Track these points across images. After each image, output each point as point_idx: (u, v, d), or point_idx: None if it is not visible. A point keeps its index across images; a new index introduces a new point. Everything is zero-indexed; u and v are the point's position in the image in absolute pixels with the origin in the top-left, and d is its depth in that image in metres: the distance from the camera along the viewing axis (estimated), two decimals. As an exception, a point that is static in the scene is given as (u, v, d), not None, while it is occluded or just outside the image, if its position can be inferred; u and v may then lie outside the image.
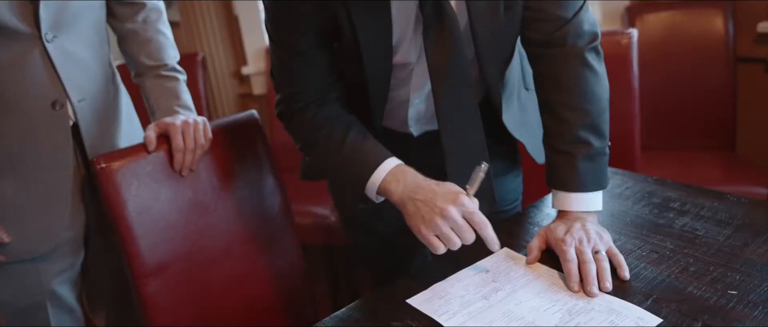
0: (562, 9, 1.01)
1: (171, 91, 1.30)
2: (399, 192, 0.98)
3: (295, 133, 1.12)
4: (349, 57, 1.03)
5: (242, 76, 2.72)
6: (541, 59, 1.06)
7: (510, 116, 1.17)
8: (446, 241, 0.93)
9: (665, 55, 2.19)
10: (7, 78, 1.12)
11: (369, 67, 1.03)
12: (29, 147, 1.15)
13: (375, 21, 0.99)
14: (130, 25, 1.32)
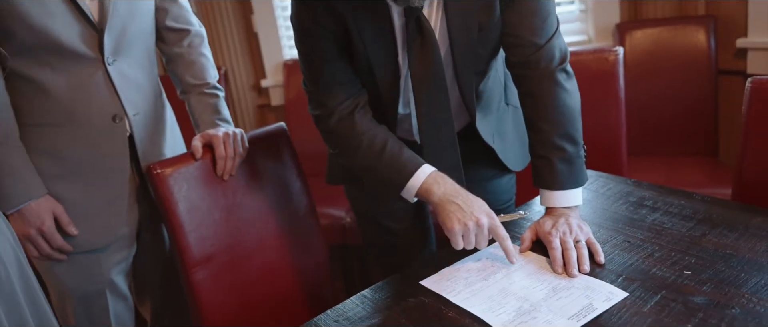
0: (536, 36, 1.19)
1: (213, 106, 1.50)
2: (440, 193, 1.17)
3: (334, 136, 1.27)
4: (363, 69, 1.22)
5: (261, 88, 2.92)
6: (521, 80, 1.24)
7: (484, 125, 1.35)
8: (467, 242, 1.13)
9: (653, 68, 2.37)
10: (76, 96, 1.32)
11: (379, 79, 1.22)
12: (93, 154, 1.35)
13: (379, 34, 1.18)
14: (177, 49, 1.52)
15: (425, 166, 1.21)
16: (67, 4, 1.27)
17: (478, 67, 1.25)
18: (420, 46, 1.17)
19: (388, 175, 1.23)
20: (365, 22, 1.17)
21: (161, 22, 1.50)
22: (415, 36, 1.16)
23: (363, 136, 1.23)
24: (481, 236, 1.13)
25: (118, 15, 1.34)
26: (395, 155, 1.22)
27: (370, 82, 1.25)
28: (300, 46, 1.26)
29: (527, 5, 1.17)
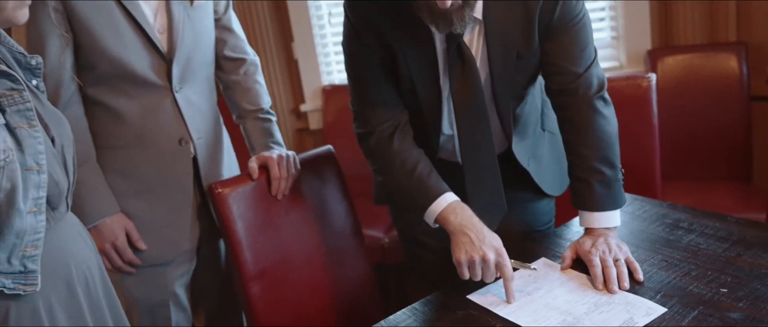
0: (575, 65, 1.27)
1: (267, 130, 1.61)
2: (456, 223, 1.25)
3: (372, 156, 1.37)
4: (406, 92, 1.32)
5: (300, 112, 3.04)
6: (560, 107, 1.33)
7: (520, 148, 1.42)
8: (472, 274, 1.21)
9: (685, 94, 2.43)
10: (147, 121, 1.44)
11: (423, 101, 1.32)
12: (161, 175, 1.46)
13: (422, 58, 1.28)
14: (234, 76, 1.63)
15: (448, 194, 1.29)
16: (140, 37, 1.40)
17: (516, 93, 1.34)
18: (461, 71, 1.26)
19: (414, 197, 1.31)
20: (410, 47, 1.27)
21: (220, 52, 1.61)
22: (456, 61, 1.25)
23: (397, 156, 1.32)
24: (487, 271, 1.20)
25: (184, 46, 1.46)
26: (423, 179, 1.30)
27: (414, 103, 1.34)
28: (349, 69, 1.37)
29: (567, 35, 1.26)
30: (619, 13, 2.58)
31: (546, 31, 1.25)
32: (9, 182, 0.93)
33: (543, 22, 1.24)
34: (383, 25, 1.25)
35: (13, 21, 0.97)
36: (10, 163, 0.93)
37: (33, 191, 0.98)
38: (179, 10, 1.46)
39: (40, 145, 0.99)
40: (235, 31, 1.64)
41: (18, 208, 0.94)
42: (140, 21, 1.40)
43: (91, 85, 1.41)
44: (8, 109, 0.96)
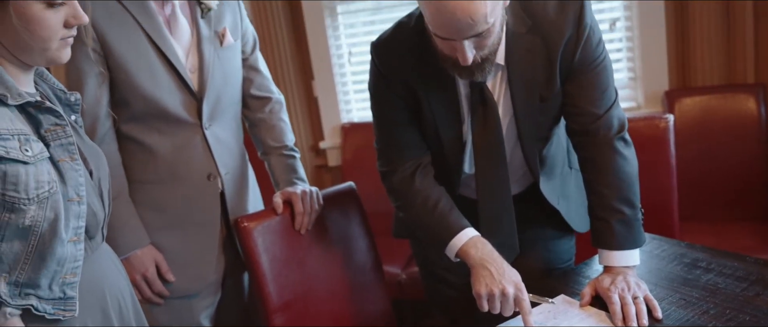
0: (596, 107, 1.33)
1: (291, 167, 1.68)
2: (477, 257, 1.30)
3: (395, 193, 1.44)
4: (429, 133, 1.38)
5: (319, 149, 3.11)
6: (581, 147, 1.38)
7: (549, 188, 1.47)
8: (491, 307, 1.26)
9: (702, 135, 2.47)
10: (177, 157, 1.51)
11: (445, 142, 1.38)
12: (190, 209, 1.53)
13: (445, 102, 1.34)
14: (259, 114, 1.71)
15: (469, 229, 1.35)
16: (173, 77, 1.48)
17: (540, 134, 1.39)
18: (482, 115, 1.33)
19: (436, 232, 1.37)
20: (434, 91, 1.34)
21: (247, 91, 1.70)
22: (478, 105, 1.32)
23: (419, 194, 1.39)
24: (506, 305, 1.25)
25: (214, 85, 1.54)
26: (444, 214, 1.37)
27: (436, 144, 1.41)
28: (374, 110, 1.44)
29: (587, 78, 1.32)
30: (636, 54, 2.64)
31: (567, 73, 1.31)
32: (53, 212, 1.00)
33: (564, 64, 1.30)
34: (408, 71, 1.33)
35: (57, 60, 1.05)
36: (53, 194, 1.00)
37: (74, 221, 1.05)
38: (210, 50, 1.54)
39: (81, 177, 1.06)
40: (262, 70, 1.72)
41: (60, 236, 1.01)
42: (173, 61, 1.48)
43: (125, 121, 1.49)
44: (52, 143, 1.03)
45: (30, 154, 0.98)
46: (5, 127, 0.96)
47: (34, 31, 0.99)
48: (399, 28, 1.36)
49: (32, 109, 1.02)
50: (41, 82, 1.13)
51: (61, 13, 1.01)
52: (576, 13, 1.27)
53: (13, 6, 0.96)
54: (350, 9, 2.93)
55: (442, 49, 1.21)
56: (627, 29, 2.64)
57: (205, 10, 1.55)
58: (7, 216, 0.96)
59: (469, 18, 1.10)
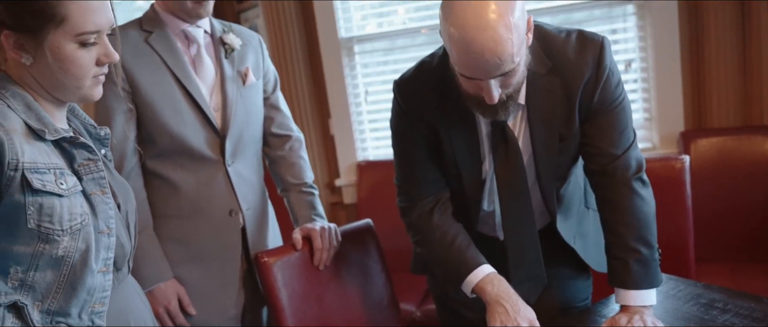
0: (614, 147, 1.38)
1: (310, 203, 1.73)
2: (493, 293, 1.34)
3: (414, 228, 1.49)
4: (450, 171, 1.43)
5: (334, 187, 3.17)
6: (599, 186, 1.42)
7: (565, 226, 1.51)
8: None
9: (718, 176, 2.49)
10: (201, 192, 1.57)
11: (465, 180, 1.43)
12: (212, 243, 1.58)
13: (466, 141, 1.39)
14: (280, 152, 1.78)
15: (485, 266, 1.39)
16: (197, 115, 1.56)
17: (559, 173, 1.44)
18: (504, 153, 1.37)
19: (452, 267, 1.42)
20: (455, 130, 1.39)
21: (267, 129, 1.76)
22: (500, 143, 1.37)
23: (437, 230, 1.44)
24: None
25: (236, 123, 1.61)
26: (461, 251, 1.41)
27: (456, 182, 1.46)
28: (395, 146, 1.50)
29: (606, 118, 1.36)
30: (651, 95, 2.70)
31: (586, 113, 1.36)
32: (84, 243, 1.05)
33: (583, 105, 1.35)
34: (430, 109, 1.38)
35: (90, 98, 1.12)
36: (86, 226, 1.06)
37: (103, 252, 1.10)
38: (233, 89, 1.62)
39: (111, 210, 1.12)
40: (282, 109, 1.79)
41: (90, 267, 1.07)
42: (198, 99, 1.56)
43: (150, 158, 1.56)
44: (85, 177, 1.09)
45: (65, 188, 1.04)
46: (42, 162, 1.02)
47: (68, 69, 1.05)
48: (421, 68, 1.42)
49: (66, 144, 1.08)
50: (73, 117, 1.20)
51: (93, 52, 1.07)
52: (596, 54, 1.32)
53: (48, 46, 1.02)
54: (367, 49, 3.02)
55: (467, 89, 1.26)
56: (642, 70, 2.70)
57: (229, 50, 1.64)
58: (42, 246, 1.02)
59: (497, 58, 1.14)
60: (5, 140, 0.97)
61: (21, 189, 0.99)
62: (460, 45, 1.16)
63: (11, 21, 1.01)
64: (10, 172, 0.97)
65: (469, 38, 1.13)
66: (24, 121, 1.03)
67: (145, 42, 1.54)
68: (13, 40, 1.02)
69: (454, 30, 1.15)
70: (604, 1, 2.67)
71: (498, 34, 1.12)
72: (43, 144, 1.04)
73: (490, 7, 1.12)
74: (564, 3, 2.72)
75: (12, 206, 0.99)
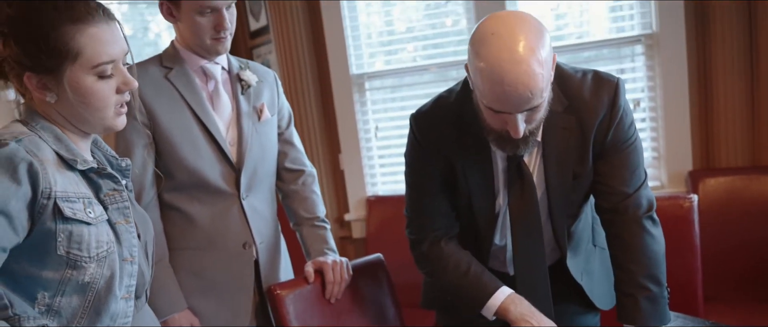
0: (626, 186, 1.43)
1: (322, 237, 1.78)
2: (517, 313, 1.39)
3: (425, 259, 1.53)
4: (462, 205, 1.48)
5: (344, 221, 3.22)
6: (610, 224, 1.46)
7: (574, 263, 1.55)
8: None
9: (727, 216, 2.53)
10: (216, 225, 1.63)
11: (478, 214, 1.47)
12: (226, 275, 1.63)
13: (481, 176, 1.44)
14: (293, 186, 1.83)
15: (504, 287, 1.44)
16: (214, 149, 1.62)
17: (570, 210, 1.49)
18: (519, 188, 1.42)
19: (472, 293, 1.46)
20: (470, 164, 1.44)
21: (281, 164, 1.83)
22: (516, 179, 1.42)
23: (450, 258, 1.49)
24: None
25: (252, 158, 1.67)
26: (478, 276, 1.46)
27: (468, 216, 1.50)
28: (409, 179, 1.55)
29: (619, 157, 1.41)
30: (660, 134, 2.75)
31: (599, 152, 1.41)
32: (109, 270, 1.11)
33: (597, 143, 1.40)
34: (446, 143, 1.44)
35: (114, 127, 1.17)
36: (111, 253, 1.11)
37: (126, 279, 1.15)
38: (248, 125, 1.68)
39: (134, 239, 1.18)
40: (296, 144, 1.86)
41: (114, 293, 1.12)
42: (215, 134, 1.62)
43: (167, 191, 1.62)
44: (110, 206, 1.15)
45: (93, 216, 1.09)
46: (73, 191, 1.08)
47: (89, 103, 1.10)
48: (439, 102, 1.48)
49: (94, 175, 1.14)
50: (96, 149, 1.26)
51: (112, 82, 1.12)
52: (610, 95, 1.37)
53: (67, 82, 1.08)
54: (376, 85, 3.10)
55: (491, 123, 1.30)
56: (651, 109, 2.76)
57: (245, 87, 1.71)
58: (70, 272, 1.07)
59: (528, 92, 1.19)
60: (40, 170, 1.02)
61: (52, 217, 1.04)
62: (492, 79, 1.19)
63: (30, 62, 1.06)
64: (44, 200, 1.03)
65: (503, 72, 1.17)
66: (55, 152, 1.09)
67: (165, 78, 1.61)
68: (36, 80, 1.08)
69: (486, 64, 1.20)
70: (612, 40, 2.74)
71: (531, 68, 1.17)
72: (72, 174, 1.10)
73: (521, 42, 1.18)
74: (573, 42, 2.80)
75: (43, 233, 1.04)
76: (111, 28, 1.11)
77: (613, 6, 2.79)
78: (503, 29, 1.20)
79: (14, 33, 1.06)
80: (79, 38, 1.07)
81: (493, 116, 1.28)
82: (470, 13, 2.84)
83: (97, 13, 1.10)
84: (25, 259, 1.05)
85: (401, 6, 3.02)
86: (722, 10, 2.48)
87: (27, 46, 1.06)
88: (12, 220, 0.99)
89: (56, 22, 1.06)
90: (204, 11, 1.55)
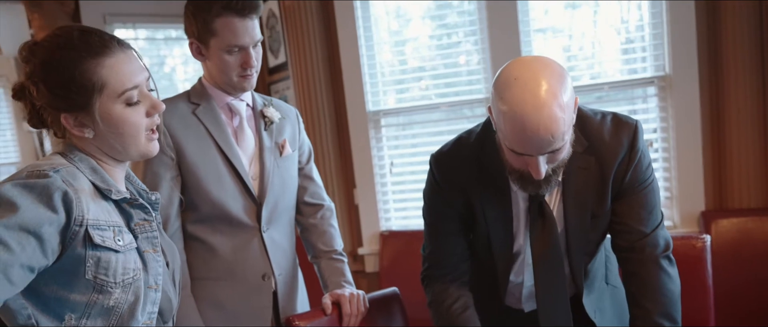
0: (643, 226, 1.47)
1: (339, 270, 1.84)
2: None
3: (430, 292, 1.59)
4: (481, 244, 1.53)
5: (357, 255, 3.27)
6: (627, 262, 1.51)
7: (589, 301, 1.59)
8: None
9: (740, 257, 2.56)
10: (236, 257, 1.69)
11: (496, 253, 1.52)
12: (245, 306, 1.69)
13: (501, 216, 1.50)
14: (312, 220, 1.90)
15: None
16: (237, 183, 1.69)
17: (588, 249, 1.53)
18: (541, 227, 1.47)
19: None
20: (490, 204, 1.49)
21: (301, 198, 1.89)
22: (538, 218, 1.47)
23: (452, 296, 1.54)
24: None
25: (273, 192, 1.74)
26: (471, 316, 1.52)
27: (486, 254, 1.55)
28: (427, 218, 1.60)
29: (636, 198, 1.46)
30: (672, 174, 2.80)
31: (617, 192, 1.46)
32: (134, 296, 1.17)
33: (615, 184, 1.45)
34: (467, 184, 1.49)
35: (148, 153, 1.24)
36: (136, 280, 1.18)
37: (149, 306, 1.22)
38: (270, 160, 1.76)
39: (160, 267, 1.24)
40: (315, 179, 1.93)
41: (136, 318, 1.18)
42: (238, 169, 1.70)
43: (191, 222, 1.69)
44: (140, 235, 1.22)
45: (121, 244, 1.16)
46: (104, 219, 1.15)
47: (122, 131, 1.17)
48: (459, 143, 1.53)
49: (126, 205, 1.22)
50: (128, 183, 1.34)
51: (141, 108, 1.19)
52: (630, 137, 1.43)
53: (99, 115, 1.15)
54: (392, 122, 3.18)
55: (513, 163, 1.35)
56: (664, 150, 2.81)
57: (268, 123, 1.79)
58: (96, 296, 1.13)
59: (550, 135, 1.24)
60: (74, 199, 1.09)
61: (83, 243, 1.11)
62: (515, 122, 1.24)
63: (64, 104, 1.14)
64: (76, 227, 1.10)
65: (526, 116, 1.22)
66: (91, 182, 1.16)
67: (193, 113, 1.70)
68: (72, 120, 1.16)
69: (509, 108, 1.24)
70: (626, 81, 2.81)
71: (553, 112, 1.22)
72: (106, 203, 1.17)
73: (544, 87, 1.23)
74: (586, 82, 2.87)
75: (73, 258, 1.11)
76: (128, 56, 1.18)
77: (626, 48, 2.87)
78: (526, 74, 1.25)
79: (43, 79, 1.14)
80: (101, 71, 1.14)
81: (515, 157, 1.32)
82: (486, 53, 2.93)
83: (112, 44, 1.16)
84: (56, 282, 1.11)
85: (413, 44, 3.12)
86: (735, 52, 2.55)
87: (56, 89, 1.13)
88: (43, 243, 1.05)
89: (77, 59, 1.13)
90: (231, 50, 1.63)
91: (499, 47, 2.87)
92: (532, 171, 1.32)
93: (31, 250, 1.03)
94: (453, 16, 3.06)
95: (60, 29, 1.17)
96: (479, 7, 2.92)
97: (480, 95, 2.95)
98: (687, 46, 2.65)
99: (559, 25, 2.93)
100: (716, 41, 2.63)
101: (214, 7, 1.59)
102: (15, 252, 1.01)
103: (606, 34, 2.89)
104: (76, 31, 1.15)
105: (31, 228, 1.03)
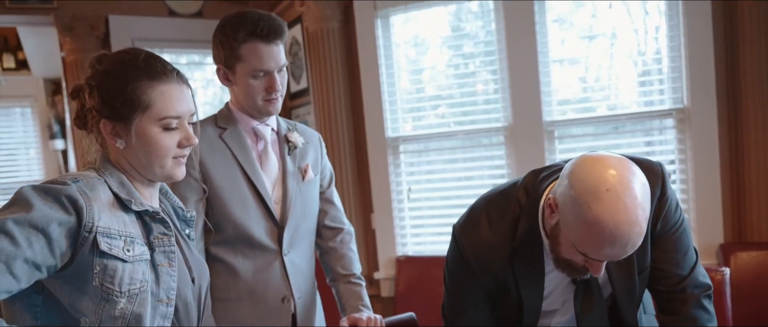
0: (680, 269, 1.45)
1: (357, 294, 1.84)
2: None
3: None
4: (511, 306, 1.50)
5: (373, 279, 3.27)
6: (668, 302, 1.48)
7: None
8: None
9: (759, 289, 2.53)
10: (257, 279, 1.70)
11: (526, 315, 1.50)
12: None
13: (534, 285, 1.47)
14: (331, 243, 1.91)
15: None
16: (260, 207, 1.71)
17: (637, 301, 1.51)
18: (589, 303, 1.46)
19: None
20: (524, 274, 1.45)
21: (321, 221, 1.91)
22: (584, 293, 1.46)
23: None
24: None
25: (295, 216, 1.75)
26: None
27: (512, 317, 1.52)
28: (450, 288, 1.58)
29: (669, 242, 1.44)
30: (691, 207, 2.78)
31: (651, 241, 1.44)
32: (140, 308, 1.18)
33: (649, 234, 1.42)
34: (498, 261, 1.45)
35: (173, 176, 1.27)
36: (143, 292, 1.19)
37: (159, 320, 1.22)
38: (293, 184, 1.77)
39: (174, 282, 1.25)
40: (336, 203, 1.94)
41: None
42: (262, 192, 1.71)
43: (215, 244, 1.71)
44: (157, 248, 1.24)
45: (130, 254, 1.18)
46: (116, 228, 1.17)
47: (151, 151, 1.22)
48: (490, 226, 1.46)
49: (148, 218, 1.24)
50: (165, 199, 1.38)
51: (176, 136, 1.24)
52: (659, 185, 1.40)
53: (135, 130, 1.21)
54: (410, 149, 3.20)
55: (572, 258, 1.30)
56: (681, 182, 2.80)
57: (292, 148, 1.81)
58: (103, 304, 1.15)
59: (633, 248, 1.22)
60: (85, 206, 1.13)
61: (91, 249, 1.13)
62: (604, 236, 1.20)
63: (107, 110, 1.20)
64: (85, 233, 1.13)
65: (618, 233, 1.19)
66: (115, 194, 1.20)
67: (220, 138, 1.72)
68: (110, 127, 1.21)
69: (599, 220, 1.19)
70: (644, 113, 2.81)
71: (642, 229, 1.21)
72: (126, 215, 1.20)
73: (639, 204, 1.20)
74: (603, 113, 2.88)
75: (83, 263, 1.13)
76: (181, 89, 1.25)
77: (644, 81, 2.87)
78: (619, 187, 1.20)
79: (99, 84, 1.21)
80: (151, 93, 1.20)
81: (579, 255, 1.28)
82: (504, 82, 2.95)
83: (172, 74, 1.24)
84: (69, 288, 1.14)
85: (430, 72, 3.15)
86: (754, 84, 2.55)
87: (106, 97, 1.20)
88: (51, 242, 1.09)
89: (134, 76, 1.20)
90: (257, 74, 1.66)
91: (517, 76, 2.89)
92: (593, 270, 1.29)
93: (38, 247, 1.07)
94: (470, 46, 3.09)
95: (131, 49, 1.26)
96: (498, 38, 2.95)
97: (497, 124, 2.97)
98: (705, 78, 2.65)
99: (576, 56, 2.95)
100: (735, 73, 2.63)
101: (241, 34, 1.63)
102: (21, 246, 1.05)
103: (623, 65, 2.90)
104: (144, 54, 1.24)
105: (40, 225, 1.08)
